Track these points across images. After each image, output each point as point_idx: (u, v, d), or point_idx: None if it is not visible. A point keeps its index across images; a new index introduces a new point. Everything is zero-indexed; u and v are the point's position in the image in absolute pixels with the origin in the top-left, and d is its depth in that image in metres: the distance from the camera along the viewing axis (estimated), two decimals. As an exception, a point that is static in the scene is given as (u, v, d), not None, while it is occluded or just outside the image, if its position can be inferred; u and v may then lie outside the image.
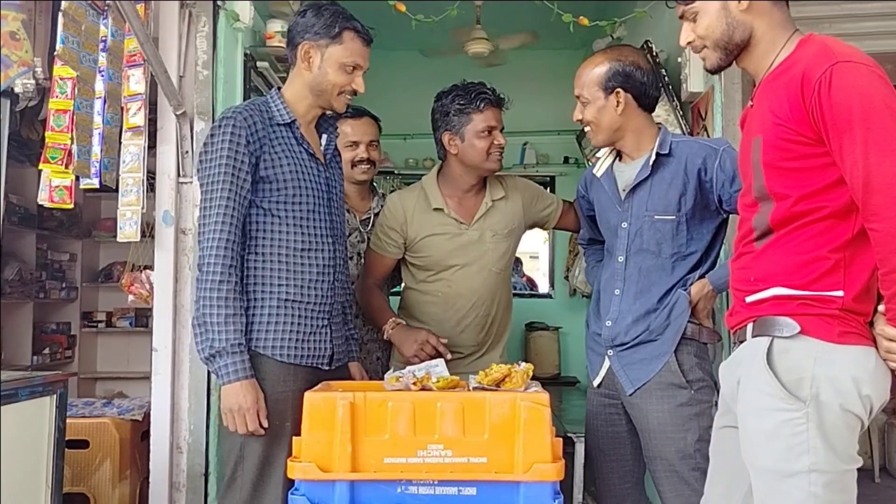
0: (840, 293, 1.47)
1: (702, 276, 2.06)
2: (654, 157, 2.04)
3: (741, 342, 1.61)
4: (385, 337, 2.39)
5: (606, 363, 2.12)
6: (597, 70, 2.07)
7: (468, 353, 2.43)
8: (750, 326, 1.57)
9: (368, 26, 2.04)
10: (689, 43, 1.67)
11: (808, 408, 1.44)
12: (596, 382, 2.16)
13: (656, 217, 2.04)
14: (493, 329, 2.46)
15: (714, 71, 1.67)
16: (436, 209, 2.41)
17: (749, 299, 1.57)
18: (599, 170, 2.21)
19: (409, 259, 2.47)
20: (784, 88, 1.48)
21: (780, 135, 1.49)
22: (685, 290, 2.03)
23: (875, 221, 1.39)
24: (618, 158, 2.19)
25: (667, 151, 2.05)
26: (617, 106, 2.05)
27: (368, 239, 2.62)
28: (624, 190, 2.11)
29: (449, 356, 2.21)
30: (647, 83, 2.08)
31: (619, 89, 2.04)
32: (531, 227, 2.60)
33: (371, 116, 2.72)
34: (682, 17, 1.67)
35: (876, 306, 1.48)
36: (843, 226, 1.47)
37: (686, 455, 1.94)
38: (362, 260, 2.62)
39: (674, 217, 2.03)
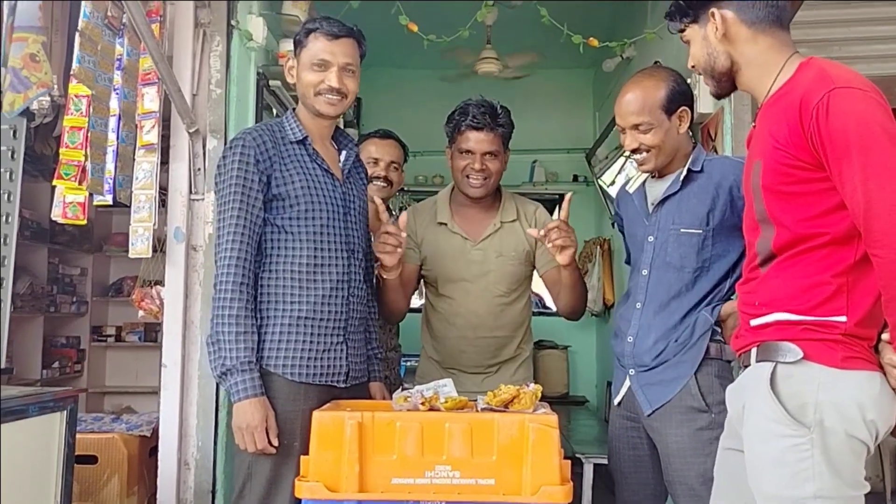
0: (843, 318, 1.46)
1: (729, 294, 2.02)
2: (685, 173, 2.03)
3: (746, 366, 1.60)
4: (381, 274, 2.22)
5: (627, 382, 2.09)
6: (658, 93, 2.01)
7: (473, 372, 2.38)
8: (754, 351, 1.56)
9: (353, 25, 2.03)
10: (692, 67, 1.70)
11: (812, 434, 1.42)
12: (616, 400, 2.13)
13: (682, 230, 2.02)
14: (503, 353, 2.40)
15: (717, 96, 1.70)
16: (440, 223, 2.41)
17: (753, 323, 1.57)
18: (632, 186, 2.20)
19: (422, 272, 2.46)
20: (783, 113, 1.48)
21: (779, 159, 1.49)
22: (711, 307, 2.00)
23: (878, 248, 1.38)
24: (651, 175, 2.17)
25: (699, 169, 2.04)
26: (680, 125, 2.03)
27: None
28: (652, 204, 2.10)
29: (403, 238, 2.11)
30: (694, 100, 2.08)
31: (684, 108, 2.02)
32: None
33: (398, 141, 2.72)
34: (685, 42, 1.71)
35: (880, 333, 1.47)
36: (846, 250, 1.46)
37: (707, 479, 1.89)
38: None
39: (700, 231, 2.00)
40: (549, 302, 5.66)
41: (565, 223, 2.15)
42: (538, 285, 2.51)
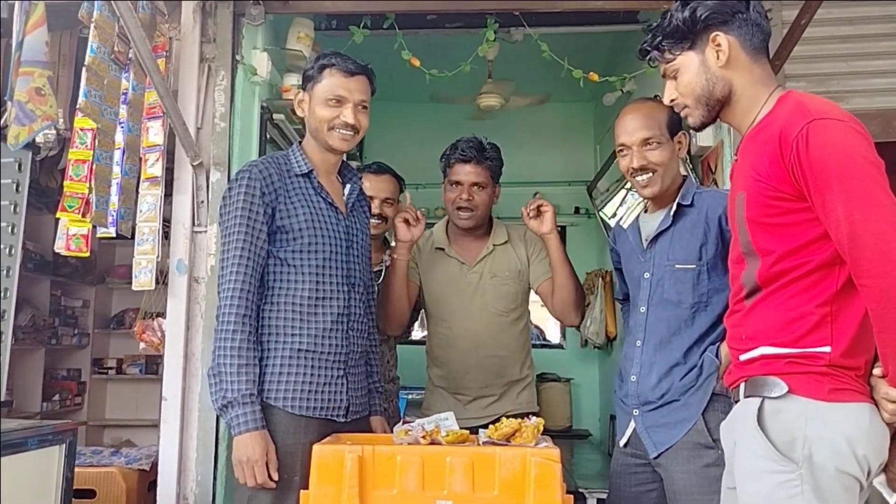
0: (828, 349, 1.43)
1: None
2: (675, 208, 2.05)
3: (736, 402, 1.58)
4: (393, 255, 2.44)
5: (632, 423, 2.07)
6: (662, 113, 2.04)
7: (477, 395, 2.44)
8: (742, 386, 1.54)
9: (362, 62, 2.05)
10: (672, 101, 1.69)
11: (801, 469, 1.39)
12: (622, 442, 2.10)
13: (677, 266, 2.02)
14: (507, 374, 2.46)
15: (698, 128, 1.69)
16: (437, 248, 2.55)
17: (742, 358, 1.55)
18: (626, 221, 2.22)
19: (423, 298, 2.54)
20: (764, 146, 1.49)
21: (761, 191, 1.48)
22: (717, 347, 1.98)
23: (866, 277, 1.36)
24: (644, 210, 2.19)
25: (689, 202, 2.05)
26: (679, 150, 2.08)
27: (380, 291, 2.63)
28: (646, 240, 2.11)
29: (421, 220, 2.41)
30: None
31: (682, 132, 2.07)
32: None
33: (393, 175, 2.75)
34: (664, 75, 1.70)
35: (871, 366, 1.44)
36: (829, 280, 1.45)
37: None
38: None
39: (694, 266, 2.01)
40: (553, 335, 5.71)
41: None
42: (540, 317, 2.54)
